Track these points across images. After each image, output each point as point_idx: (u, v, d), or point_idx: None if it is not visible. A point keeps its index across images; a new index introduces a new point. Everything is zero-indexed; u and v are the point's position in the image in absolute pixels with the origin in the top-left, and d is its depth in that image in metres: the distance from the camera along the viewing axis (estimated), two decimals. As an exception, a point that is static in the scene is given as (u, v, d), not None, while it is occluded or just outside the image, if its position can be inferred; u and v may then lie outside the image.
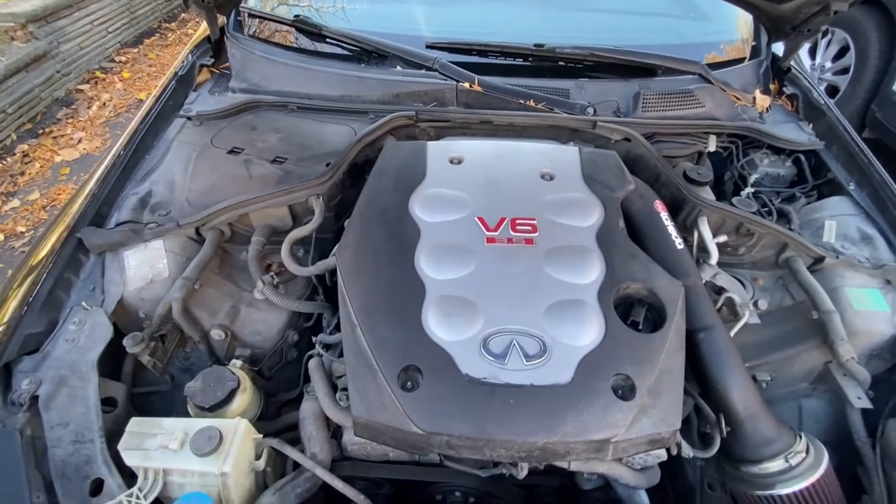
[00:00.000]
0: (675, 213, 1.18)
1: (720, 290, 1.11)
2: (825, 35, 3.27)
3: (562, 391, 0.81)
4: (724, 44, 1.61)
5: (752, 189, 1.35)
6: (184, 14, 5.61)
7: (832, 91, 3.22)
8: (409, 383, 0.82)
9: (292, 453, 0.89)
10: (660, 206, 1.12)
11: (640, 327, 0.91)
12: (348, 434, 0.95)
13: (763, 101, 1.47)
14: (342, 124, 1.37)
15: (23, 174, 3.29)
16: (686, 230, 1.19)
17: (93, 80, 4.29)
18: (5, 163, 3.32)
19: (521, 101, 1.37)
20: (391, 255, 0.98)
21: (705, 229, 1.15)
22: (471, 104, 1.39)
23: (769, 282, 1.19)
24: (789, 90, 1.55)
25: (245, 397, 0.96)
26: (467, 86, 1.39)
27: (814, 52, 3.37)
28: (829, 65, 3.27)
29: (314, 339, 1.04)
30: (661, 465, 0.97)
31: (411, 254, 0.97)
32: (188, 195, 1.20)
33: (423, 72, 1.43)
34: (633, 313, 0.93)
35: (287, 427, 1.04)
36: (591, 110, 1.37)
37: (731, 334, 1.02)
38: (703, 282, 1.06)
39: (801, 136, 1.41)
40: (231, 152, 1.29)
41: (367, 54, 1.50)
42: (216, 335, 1.07)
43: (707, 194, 1.26)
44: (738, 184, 1.41)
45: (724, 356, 0.95)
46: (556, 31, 1.58)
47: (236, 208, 1.14)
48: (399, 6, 1.75)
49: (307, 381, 1.01)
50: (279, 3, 1.76)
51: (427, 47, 1.47)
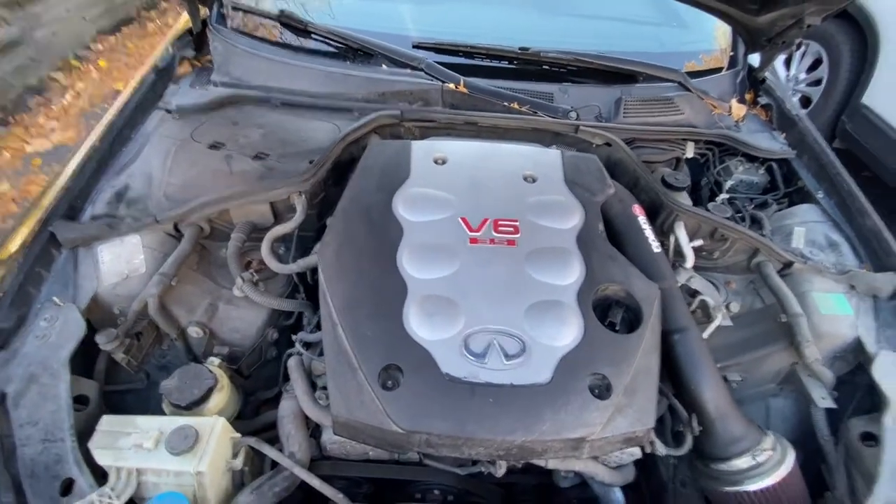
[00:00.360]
0: (652, 217, 1.21)
1: (695, 293, 1.14)
2: (799, 47, 3.37)
3: (540, 390, 0.82)
4: (703, 53, 1.65)
5: (727, 195, 1.39)
6: (164, 3, 5.47)
7: (805, 102, 3.33)
8: (390, 382, 0.82)
9: (270, 452, 0.89)
10: (638, 210, 1.15)
11: (617, 328, 0.93)
12: (327, 433, 0.94)
13: (739, 110, 1.52)
14: (326, 122, 1.36)
15: (-9, 164, 3.17)
16: (663, 234, 1.22)
17: (67, 68, 4.15)
18: (-27, 152, 3.20)
19: (506, 104, 1.39)
20: (373, 253, 0.98)
21: (682, 234, 1.19)
22: (456, 105, 1.40)
23: (741, 285, 1.24)
24: (764, 100, 1.60)
25: (223, 396, 0.95)
26: (453, 87, 1.39)
27: (789, 64, 3.48)
28: (803, 76, 3.38)
29: (294, 337, 1.03)
30: (636, 463, 1.00)
31: (394, 253, 0.97)
32: (167, 190, 1.18)
33: (408, 71, 1.43)
34: (611, 314, 0.95)
35: (265, 426, 1.03)
36: (573, 114, 1.39)
37: (705, 336, 1.05)
38: (679, 285, 1.10)
39: (773, 145, 1.46)
40: (212, 147, 1.27)
41: (352, 52, 1.49)
42: (194, 332, 1.05)
43: (684, 200, 1.29)
44: (714, 190, 1.45)
45: (697, 357, 0.98)
46: (542, 36, 1.60)
47: (216, 204, 1.13)
48: (386, 5, 1.75)
49: (286, 379, 1.00)
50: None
51: (413, 47, 1.48)
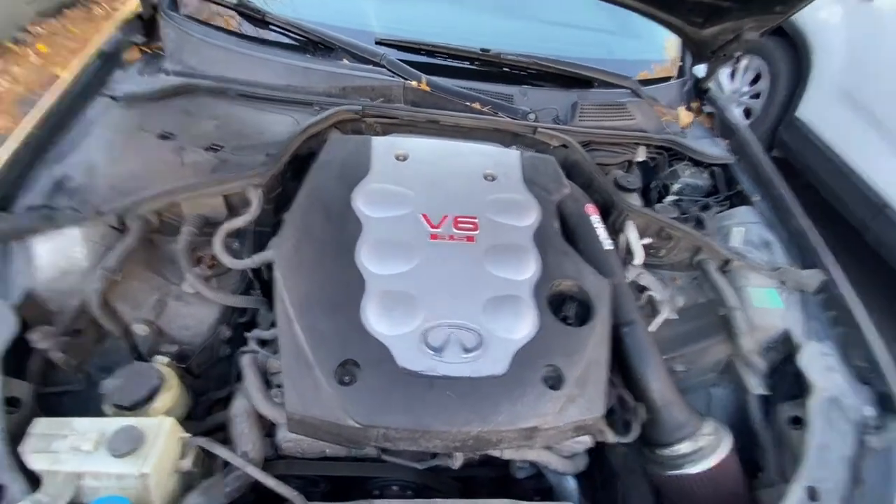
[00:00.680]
0: (605, 216, 1.26)
1: (643, 289, 1.20)
2: (738, 61, 3.61)
3: (497, 382, 0.84)
4: (653, 63, 1.74)
5: (673, 197, 1.47)
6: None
7: (747, 113, 3.56)
8: (347, 377, 0.82)
9: (221, 451, 0.86)
10: (592, 209, 1.20)
11: (570, 322, 0.97)
12: (282, 431, 0.93)
13: (686, 117, 1.61)
14: (284, 114, 1.33)
15: None
16: (615, 233, 1.27)
17: (2, 51, 3.85)
18: None
19: (468, 104, 1.41)
20: (331, 248, 0.97)
21: (632, 232, 1.24)
22: (418, 103, 1.40)
23: (685, 281, 1.31)
24: (708, 109, 1.71)
25: (170, 395, 0.91)
26: (415, 84, 1.40)
27: (733, 76, 3.71)
28: (745, 88, 3.61)
29: (248, 335, 1.00)
30: (588, 451, 1.04)
31: (352, 248, 0.97)
32: (111, 181, 1.12)
33: (370, 67, 1.43)
34: (565, 308, 0.98)
35: (217, 427, 0.99)
36: (532, 116, 1.43)
37: (652, 329, 1.11)
38: (628, 280, 1.15)
39: (716, 151, 1.56)
40: (162, 137, 1.22)
41: (313, 45, 1.47)
42: (139, 330, 1.01)
43: (635, 201, 1.36)
44: (662, 192, 1.53)
45: (644, 349, 1.03)
46: (503, 38, 1.63)
47: (166, 196, 1.08)
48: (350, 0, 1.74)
49: (239, 378, 0.97)
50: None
51: (376, 43, 1.47)
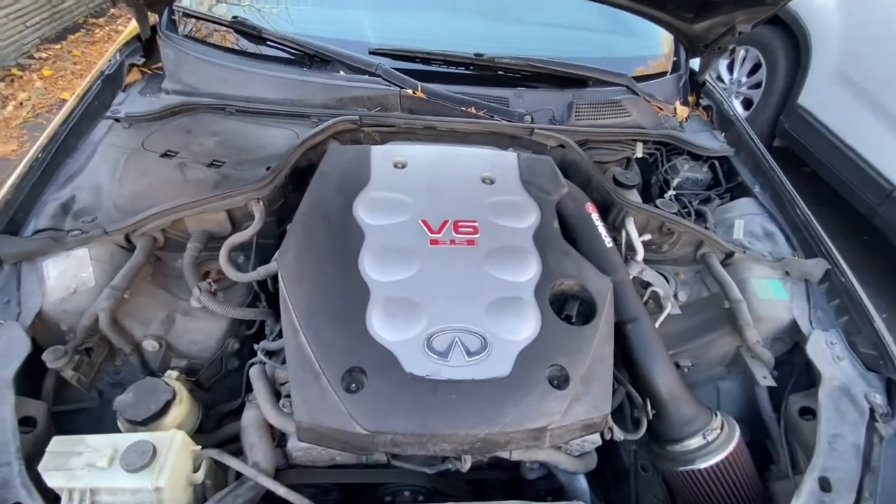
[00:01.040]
0: (604, 214, 1.27)
1: (646, 285, 1.20)
2: (733, 53, 3.60)
3: (501, 384, 0.85)
4: (648, 59, 1.74)
5: (674, 192, 1.47)
6: (113, 10, 5.26)
7: (747, 103, 3.55)
8: (354, 385, 0.83)
9: (233, 462, 0.87)
10: (591, 207, 1.20)
11: (573, 320, 0.97)
12: (292, 441, 0.94)
13: (682, 111, 1.61)
14: (284, 128, 1.35)
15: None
16: (615, 230, 1.28)
17: (8, 77, 3.93)
18: None
19: (463, 109, 1.42)
20: (335, 258, 0.98)
21: (632, 229, 1.25)
22: (414, 110, 1.42)
23: (689, 276, 1.31)
24: (705, 102, 1.71)
25: (181, 409, 0.93)
26: (410, 92, 1.41)
27: (732, 68, 3.70)
28: (744, 79, 3.60)
29: (256, 346, 1.02)
30: (598, 450, 1.04)
31: (355, 257, 0.98)
32: (116, 201, 1.14)
33: (366, 77, 1.44)
34: (567, 308, 0.99)
35: (228, 439, 1.01)
36: (528, 118, 1.44)
37: (656, 325, 1.11)
38: (631, 277, 1.15)
39: (714, 143, 1.56)
40: (164, 156, 1.24)
41: (309, 58, 1.49)
42: (149, 346, 1.02)
43: (634, 197, 1.36)
44: (663, 187, 1.53)
45: (649, 345, 1.03)
46: (496, 42, 1.65)
47: (170, 213, 1.10)
48: (342, 12, 1.76)
49: (249, 390, 0.99)
50: (217, 2, 1.71)
51: (370, 53, 1.49)
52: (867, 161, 2.67)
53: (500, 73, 1.54)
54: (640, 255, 1.21)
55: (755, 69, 3.51)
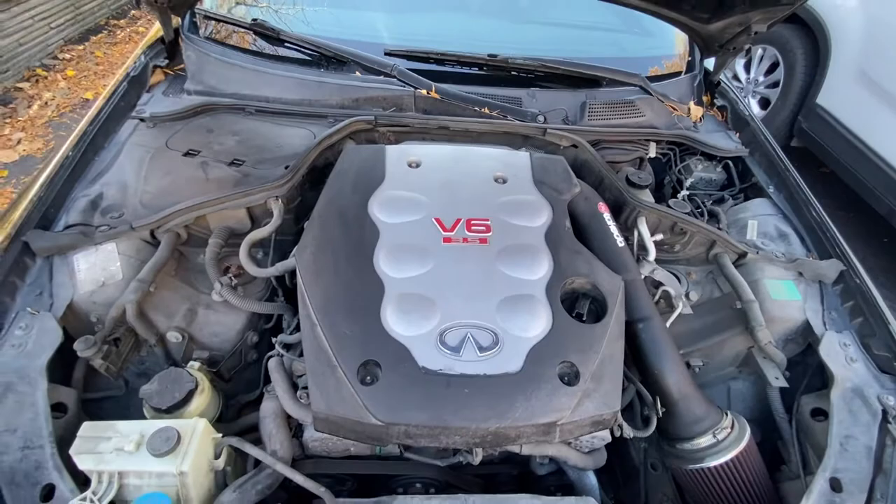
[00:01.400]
0: (616, 213, 1.27)
1: (658, 284, 1.21)
2: (749, 52, 3.55)
3: (512, 379, 0.87)
4: (662, 58, 1.74)
5: (687, 192, 1.47)
6: (134, 11, 5.38)
7: (765, 103, 3.50)
8: (368, 377, 0.85)
9: (252, 450, 0.90)
10: (603, 207, 1.21)
11: (584, 318, 0.98)
12: (309, 431, 0.97)
13: (697, 111, 1.60)
14: (301, 128, 1.38)
15: (-45, 176, 3.07)
16: (627, 229, 1.29)
17: (34, 77, 4.05)
18: (-66, 164, 3.09)
19: (477, 109, 1.44)
20: (350, 254, 1.01)
21: (644, 229, 1.25)
22: (428, 110, 1.44)
23: (700, 276, 1.31)
24: (719, 102, 1.70)
25: (203, 398, 0.97)
26: (425, 92, 1.44)
27: (749, 67, 3.65)
28: (762, 79, 3.55)
29: (274, 339, 1.05)
30: (608, 448, 1.05)
31: (370, 254, 1.00)
32: (142, 197, 1.19)
33: (381, 78, 1.47)
34: (578, 306, 1.00)
35: (247, 428, 1.04)
36: (541, 118, 1.45)
37: (667, 324, 1.11)
38: (643, 276, 1.16)
39: (729, 143, 1.55)
40: (187, 154, 1.28)
41: (326, 60, 1.52)
42: (173, 337, 1.06)
43: (647, 197, 1.36)
44: (676, 187, 1.53)
45: (660, 344, 1.04)
46: (510, 43, 1.66)
47: (193, 210, 1.14)
48: (359, 14, 1.78)
49: (267, 381, 1.02)
50: (236, 4, 1.76)
51: (386, 54, 1.52)
52: (887, 162, 2.63)
53: (513, 73, 1.55)
54: (652, 255, 1.22)
55: (773, 68, 3.46)
